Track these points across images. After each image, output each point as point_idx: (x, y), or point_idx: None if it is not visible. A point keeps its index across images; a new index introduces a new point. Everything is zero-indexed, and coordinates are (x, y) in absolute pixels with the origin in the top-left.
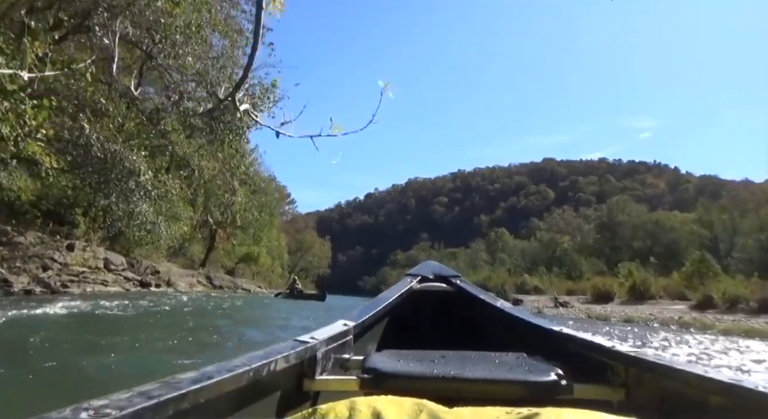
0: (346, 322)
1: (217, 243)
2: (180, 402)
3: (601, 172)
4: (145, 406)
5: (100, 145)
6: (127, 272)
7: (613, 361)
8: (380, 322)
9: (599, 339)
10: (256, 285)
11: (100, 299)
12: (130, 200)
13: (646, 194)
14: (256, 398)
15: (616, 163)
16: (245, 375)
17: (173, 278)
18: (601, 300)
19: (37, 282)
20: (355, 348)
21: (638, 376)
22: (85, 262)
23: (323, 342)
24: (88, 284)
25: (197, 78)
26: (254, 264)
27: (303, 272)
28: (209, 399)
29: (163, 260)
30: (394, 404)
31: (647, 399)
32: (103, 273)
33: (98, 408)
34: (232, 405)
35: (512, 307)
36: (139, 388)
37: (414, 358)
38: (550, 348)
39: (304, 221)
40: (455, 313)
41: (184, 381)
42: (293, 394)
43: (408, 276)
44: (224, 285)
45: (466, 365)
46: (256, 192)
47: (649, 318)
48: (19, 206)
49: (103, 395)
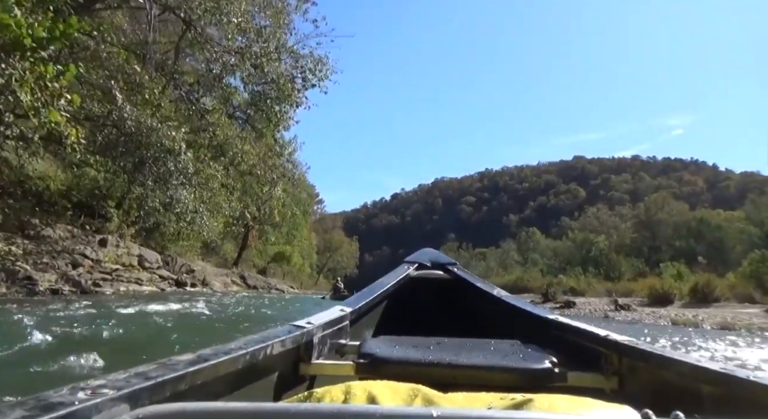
0: (342, 308)
1: (250, 242)
2: (177, 384)
3: (635, 170)
4: (143, 386)
5: (134, 119)
6: (162, 271)
7: (607, 350)
8: (377, 308)
9: (593, 327)
10: (289, 285)
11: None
12: (169, 184)
13: (684, 192)
14: (252, 381)
15: (650, 160)
16: (242, 358)
17: (208, 278)
18: (658, 303)
19: (66, 281)
20: (352, 334)
21: (631, 365)
22: (118, 259)
23: (320, 326)
24: (122, 283)
25: (240, 51)
26: (286, 264)
27: (331, 272)
28: (206, 381)
29: (197, 258)
30: (390, 388)
31: (640, 387)
32: (137, 271)
33: (95, 388)
34: (228, 388)
35: (508, 295)
36: (136, 369)
37: (410, 344)
38: (544, 336)
39: (331, 221)
40: (452, 300)
41: (182, 363)
42: (290, 378)
43: (405, 263)
44: (258, 285)
45: (461, 351)
46: (294, 186)
47: (750, 325)
48: (49, 197)
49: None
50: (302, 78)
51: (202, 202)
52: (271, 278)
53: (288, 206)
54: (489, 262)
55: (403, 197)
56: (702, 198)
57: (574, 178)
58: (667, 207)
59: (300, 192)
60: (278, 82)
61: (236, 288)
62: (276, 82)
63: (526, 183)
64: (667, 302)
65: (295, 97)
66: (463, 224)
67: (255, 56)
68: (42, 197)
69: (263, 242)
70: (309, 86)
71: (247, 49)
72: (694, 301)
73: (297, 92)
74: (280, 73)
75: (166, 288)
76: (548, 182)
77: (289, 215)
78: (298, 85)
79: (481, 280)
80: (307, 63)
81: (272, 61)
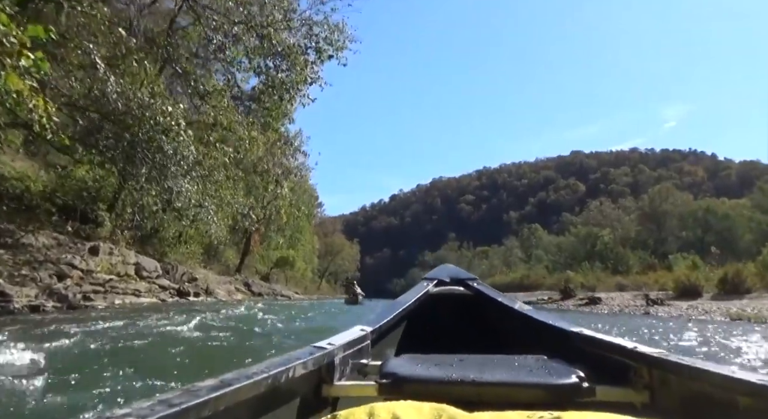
0: (363, 327)
1: (252, 247)
2: (201, 410)
3: (633, 162)
4: (166, 414)
5: (121, 92)
6: (162, 280)
7: (636, 362)
8: (397, 327)
9: (620, 339)
10: (293, 291)
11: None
12: (167, 172)
13: (685, 183)
14: (275, 404)
15: (648, 152)
16: (264, 382)
17: (212, 286)
18: (686, 296)
19: (50, 295)
20: (373, 353)
21: (663, 377)
22: (112, 268)
23: (341, 347)
24: (117, 295)
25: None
26: (289, 269)
27: (332, 276)
28: (229, 407)
29: (198, 266)
30: (414, 409)
31: (672, 401)
32: (135, 281)
33: (120, 417)
34: (251, 412)
35: (531, 309)
36: (160, 396)
37: (432, 362)
38: (570, 350)
39: (331, 224)
40: (473, 316)
41: (204, 389)
42: (312, 400)
43: (424, 280)
44: (263, 292)
45: (485, 368)
46: (301, 180)
47: None
48: (29, 200)
49: None
50: (316, 49)
51: (207, 195)
52: (275, 285)
53: (295, 205)
54: (492, 260)
55: (402, 198)
56: (703, 188)
57: (572, 173)
58: (672, 198)
59: (303, 193)
60: (288, 55)
61: (241, 296)
62: (286, 55)
63: (525, 180)
64: (696, 295)
65: (308, 72)
66: (463, 224)
67: (261, 25)
68: (21, 200)
69: (266, 247)
70: (325, 58)
71: (251, 19)
72: (722, 293)
73: (311, 66)
74: (290, 44)
75: (168, 299)
76: (547, 177)
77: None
78: (311, 58)
79: (501, 294)
80: (322, 31)
81: (281, 31)
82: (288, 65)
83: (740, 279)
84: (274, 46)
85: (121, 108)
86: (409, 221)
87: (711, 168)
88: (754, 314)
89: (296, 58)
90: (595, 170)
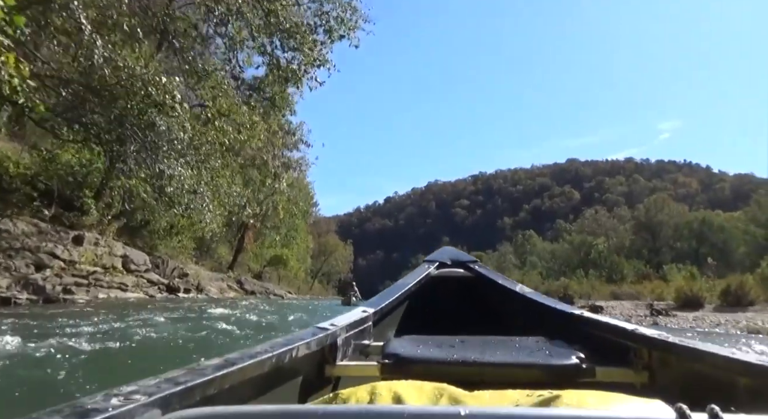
0: (365, 309)
1: (246, 244)
2: (206, 388)
3: (628, 172)
4: (173, 392)
5: (109, 57)
6: (151, 274)
7: (636, 344)
8: (399, 308)
9: (620, 321)
10: (286, 291)
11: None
12: (159, 152)
13: (679, 194)
14: (279, 383)
15: (643, 162)
16: (268, 362)
17: (203, 283)
18: (688, 306)
19: (24, 286)
20: (375, 334)
21: (662, 358)
22: (97, 260)
23: (343, 328)
24: (101, 289)
25: None
26: (283, 268)
27: (325, 276)
28: (233, 385)
29: (190, 261)
30: (415, 388)
31: (671, 381)
32: (121, 275)
33: (128, 394)
34: (256, 391)
35: (532, 291)
36: (166, 375)
37: (433, 343)
38: (570, 332)
39: (326, 225)
40: (474, 298)
41: (210, 368)
42: (315, 380)
43: (425, 262)
44: (256, 291)
45: (486, 349)
46: (298, 180)
47: None
48: (8, 183)
49: None
50: (325, 29)
51: (202, 181)
52: (267, 283)
53: (293, 201)
54: (486, 265)
55: (397, 201)
56: (697, 200)
57: (568, 180)
58: (667, 209)
59: (300, 191)
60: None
61: (233, 294)
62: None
63: (520, 186)
64: (698, 306)
65: (316, 54)
66: (457, 228)
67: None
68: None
69: (260, 245)
70: (336, 38)
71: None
72: (725, 304)
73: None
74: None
75: (156, 295)
76: (542, 184)
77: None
78: (320, 37)
79: (502, 277)
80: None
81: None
82: (296, 44)
83: (743, 291)
84: (280, 23)
85: (108, 77)
86: (403, 224)
87: (705, 180)
88: None
89: (304, 38)
90: (590, 179)
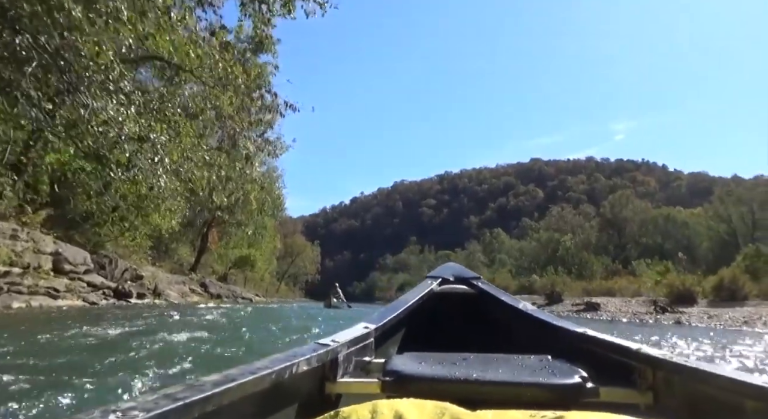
0: (366, 325)
1: (210, 244)
2: (204, 405)
3: (590, 171)
4: (171, 408)
5: None
6: (94, 276)
7: (640, 364)
8: (401, 325)
9: (624, 340)
10: (254, 294)
11: (46, 327)
12: (82, 82)
13: (639, 192)
14: (278, 400)
15: (603, 162)
16: (268, 378)
17: (161, 286)
18: (681, 302)
19: None
20: (377, 351)
21: (666, 379)
22: (17, 257)
23: (344, 344)
24: (19, 296)
25: None
26: (249, 270)
27: (291, 278)
28: (233, 402)
29: (145, 262)
30: (416, 407)
31: (676, 402)
32: (50, 277)
33: (125, 410)
34: (255, 408)
35: (535, 309)
36: (164, 391)
37: (435, 361)
38: (574, 351)
39: (292, 225)
40: (477, 315)
41: (208, 384)
42: (315, 397)
43: (428, 278)
44: (222, 294)
45: (488, 368)
46: (269, 167)
47: None
48: None
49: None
50: None
51: (153, 131)
52: (233, 286)
53: (267, 189)
54: (489, 282)
55: (363, 201)
56: (656, 197)
57: (532, 179)
58: (631, 205)
59: (271, 184)
60: None
61: (197, 298)
62: None
63: (486, 185)
64: (692, 302)
65: None
66: (424, 227)
67: None
68: None
69: (225, 244)
70: None
71: None
72: (717, 299)
73: None
74: None
75: (99, 301)
76: (507, 183)
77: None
78: None
79: (505, 294)
80: None
81: None
82: None
83: (738, 286)
84: None
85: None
86: (369, 224)
87: (663, 179)
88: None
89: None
90: (553, 178)
